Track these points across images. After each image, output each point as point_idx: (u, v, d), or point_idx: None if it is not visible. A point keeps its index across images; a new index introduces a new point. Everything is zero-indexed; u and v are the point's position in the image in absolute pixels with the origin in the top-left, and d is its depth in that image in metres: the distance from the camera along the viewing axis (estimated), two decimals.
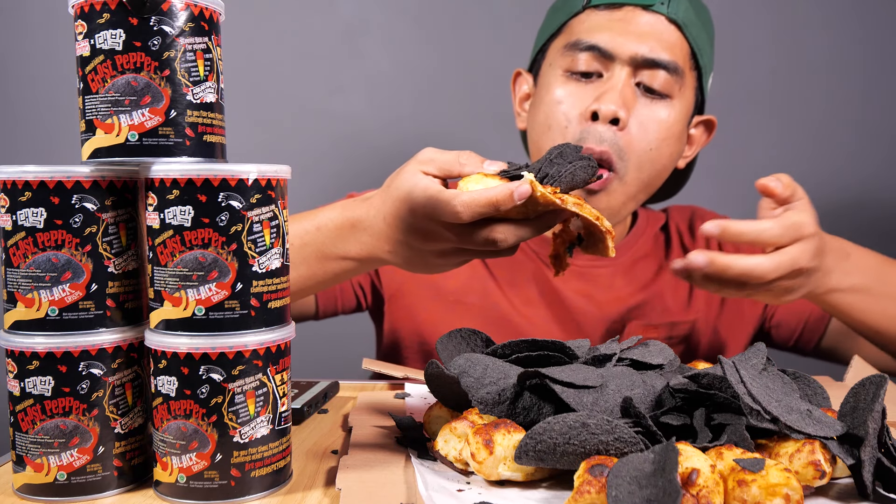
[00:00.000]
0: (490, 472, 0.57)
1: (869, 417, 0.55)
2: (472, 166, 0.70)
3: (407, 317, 1.10)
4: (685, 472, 0.50)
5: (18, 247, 0.57)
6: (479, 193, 0.65)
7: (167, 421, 0.56)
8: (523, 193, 0.64)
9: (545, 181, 0.68)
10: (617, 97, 0.96)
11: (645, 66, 0.98)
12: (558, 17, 1.06)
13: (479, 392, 0.62)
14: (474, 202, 0.65)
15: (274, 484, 0.59)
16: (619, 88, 0.97)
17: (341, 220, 0.79)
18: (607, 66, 0.99)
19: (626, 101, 0.97)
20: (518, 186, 0.64)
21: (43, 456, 0.57)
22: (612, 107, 0.95)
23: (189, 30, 0.58)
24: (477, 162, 0.70)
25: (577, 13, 1.02)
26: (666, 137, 1.00)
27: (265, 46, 1.65)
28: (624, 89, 0.97)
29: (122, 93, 0.56)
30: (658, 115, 0.99)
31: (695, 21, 1.00)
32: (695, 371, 0.62)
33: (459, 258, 0.74)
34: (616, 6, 0.99)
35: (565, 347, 0.66)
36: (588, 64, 0.99)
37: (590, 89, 0.99)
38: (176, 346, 0.55)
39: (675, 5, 0.98)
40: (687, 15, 0.99)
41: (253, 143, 1.61)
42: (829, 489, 0.57)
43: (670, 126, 1.00)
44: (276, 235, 0.58)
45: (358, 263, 0.81)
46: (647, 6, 0.98)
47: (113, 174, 0.59)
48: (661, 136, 0.99)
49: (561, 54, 1.02)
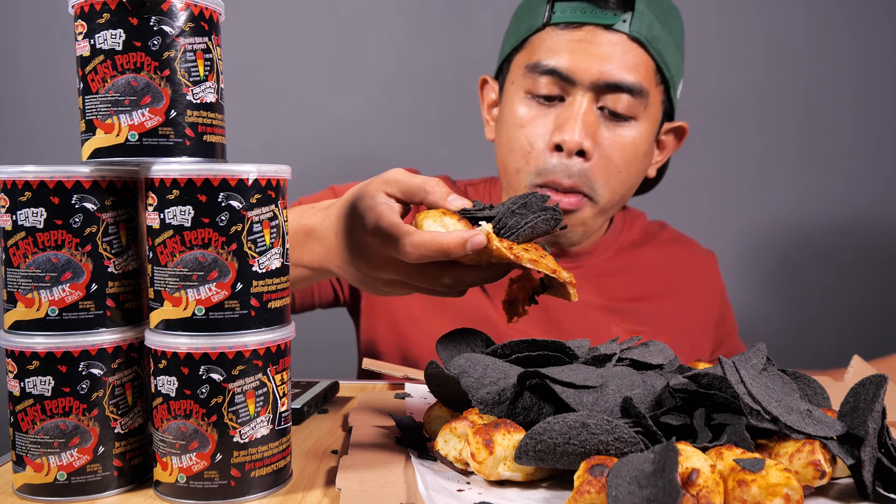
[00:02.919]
0: (490, 472, 0.57)
1: (869, 417, 0.55)
2: (436, 197, 0.66)
3: (385, 313, 1.09)
4: (685, 472, 0.50)
5: (18, 247, 0.57)
6: (431, 237, 0.62)
7: (167, 421, 0.56)
8: (476, 244, 0.61)
9: (503, 233, 0.65)
10: (579, 127, 0.95)
11: (607, 90, 0.96)
12: (520, 30, 1.04)
13: (479, 392, 0.62)
14: (424, 245, 0.62)
15: (274, 484, 0.59)
16: (580, 116, 0.96)
17: (296, 226, 0.77)
18: (568, 90, 0.97)
19: (590, 128, 0.96)
20: (472, 237, 0.61)
21: (43, 456, 0.57)
22: (576, 138, 0.95)
23: (189, 30, 0.58)
24: (442, 193, 0.67)
25: (538, 30, 1.00)
26: (633, 158, 1.00)
27: (265, 46, 1.65)
28: (586, 116, 0.96)
29: (122, 93, 0.56)
30: (623, 138, 0.98)
31: (659, 35, 0.98)
32: (695, 371, 0.62)
33: (404, 290, 0.71)
34: (576, 25, 0.97)
35: (565, 347, 0.66)
36: (549, 88, 0.98)
37: (552, 114, 0.98)
38: (176, 346, 0.55)
39: (638, 22, 0.96)
40: (651, 31, 0.97)
41: (253, 143, 1.61)
42: (829, 489, 0.57)
43: (637, 146, 1.00)
44: (276, 235, 0.58)
45: (313, 272, 0.79)
46: (608, 26, 0.96)
47: (113, 174, 0.59)
48: (627, 158, 0.99)
49: (522, 74, 1.01)
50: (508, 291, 0.75)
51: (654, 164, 1.10)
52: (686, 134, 1.11)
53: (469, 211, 0.66)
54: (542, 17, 0.99)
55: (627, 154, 0.99)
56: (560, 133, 0.96)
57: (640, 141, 1.00)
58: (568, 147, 0.95)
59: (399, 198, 0.68)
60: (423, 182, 0.67)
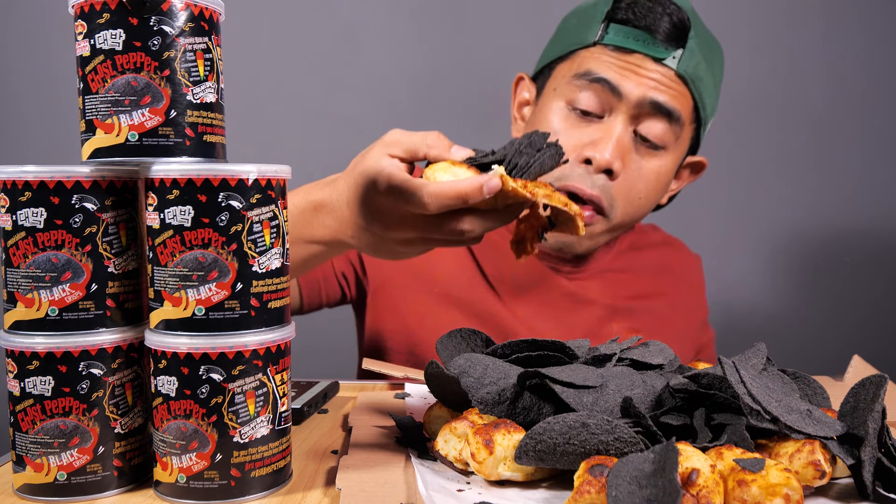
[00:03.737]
0: (490, 472, 0.57)
1: (869, 417, 0.55)
2: (439, 150, 0.68)
3: (391, 309, 1.09)
4: (685, 472, 0.50)
5: (18, 247, 0.57)
6: (448, 185, 0.63)
7: (167, 421, 0.56)
8: (493, 188, 0.63)
9: (514, 173, 0.66)
10: (613, 147, 0.96)
11: (648, 112, 0.97)
12: (568, 40, 1.04)
13: (479, 392, 0.62)
14: (442, 194, 0.63)
15: (274, 484, 0.59)
16: (615, 136, 0.96)
17: (304, 204, 0.78)
18: (610, 106, 0.98)
19: (622, 150, 0.97)
20: (488, 180, 0.63)
21: (43, 456, 0.57)
22: (606, 156, 0.95)
23: (189, 30, 0.58)
24: (444, 146, 0.68)
25: (588, 45, 1.01)
26: (654, 188, 1.02)
27: (265, 46, 1.65)
28: (621, 137, 0.97)
29: (122, 93, 0.56)
30: (651, 167, 1.00)
31: (703, 76, 1.00)
32: (695, 371, 0.62)
33: (424, 246, 0.73)
34: (627, 51, 0.98)
35: (565, 347, 0.66)
36: (591, 102, 0.98)
37: (588, 131, 0.99)
38: (176, 346, 0.55)
39: (686, 61, 0.97)
40: (697, 70, 0.98)
41: (253, 143, 1.61)
42: (829, 489, 0.57)
43: (660, 177, 1.02)
44: (276, 235, 0.58)
45: (325, 247, 0.80)
46: (658, 59, 0.97)
47: (113, 174, 0.59)
48: (650, 186, 1.01)
49: (567, 82, 1.01)
50: (516, 231, 0.76)
51: (668, 192, 1.12)
52: (704, 169, 1.12)
53: (476, 159, 0.67)
54: (596, 34, 1.00)
55: (650, 183, 1.01)
56: (593, 148, 0.96)
57: (664, 172, 1.02)
58: (598, 163, 0.96)
59: (402, 157, 0.69)
60: (423, 137, 0.68)
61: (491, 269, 1.10)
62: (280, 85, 1.66)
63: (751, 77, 1.66)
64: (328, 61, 1.66)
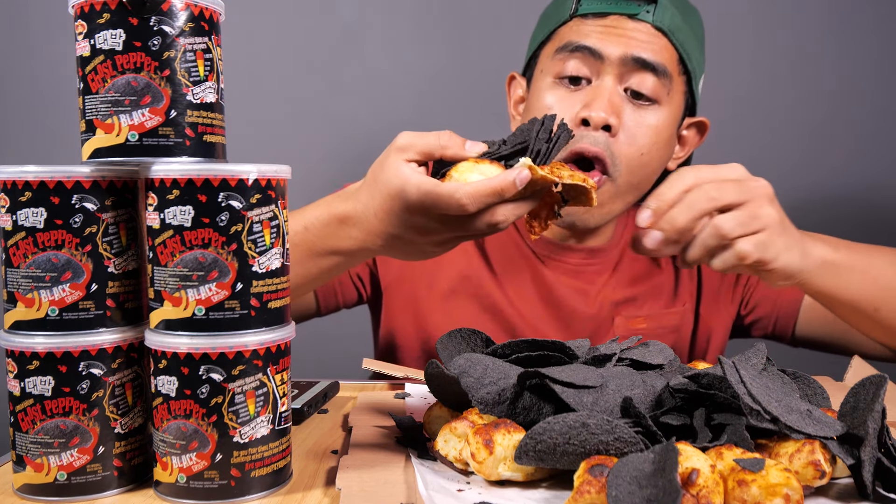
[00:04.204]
0: (490, 472, 0.57)
1: (869, 417, 0.55)
2: (454, 149, 0.70)
3: (404, 306, 1.11)
4: (685, 472, 0.50)
5: (18, 247, 0.57)
6: (483, 185, 0.66)
7: (167, 421, 0.56)
8: (524, 179, 0.66)
9: (538, 161, 0.69)
10: (606, 103, 0.98)
11: (633, 68, 0.99)
12: (548, 24, 1.08)
13: (479, 392, 0.62)
14: (479, 193, 0.66)
15: (274, 484, 0.59)
16: (607, 95, 0.99)
17: (328, 217, 0.80)
18: (596, 70, 1.00)
19: (615, 107, 0.99)
20: (519, 173, 0.66)
21: (43, 456, 0.57)
22: (601, 113, 0.97)
23: (189, 30, 0.58)
24: (458, 143, 0.70)
25: (565, 21, 1.04)
26: (655, 142, 1.02)
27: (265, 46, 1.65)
28: (612, 96, 0.99)
29: (122, 93, 0.56)
30: (647, 120, 1.01)
31: (681, 26, 1.02)
32: (695, 371, 0.62)
33: (457, 243, 0.76)
34: (602, 15, 1.01)
35: (565, 347, 0.66)
36: (577, 68, 1.01)
37: (579, 96, 1.01)
38: (176, 346, 0.55)
39: (661, 13, 1.00)
40: (673, 21, 1.01)
41: (253, 143, 1.60)
42: (829, 489, 0.57)
43: (659, 131, 1.02)
44: (276, 235, 0.58)
45: (349, 257, 0.82)
46: (632, 15, 1.00)
47: (113, 174, 0.59)
48: (650, 140, 1.01)
49: (551, 59, 1.04)
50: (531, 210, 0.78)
51: (676, 158, 1.11)
52: (707, 129, 1.12)
53: (493, 153, 0.70)
54: (570, 9, 1.03)
55: (650, 137, 1.01)
56: (587, 109, 0.98)
57: (662, 126, 1.02)
58: (594, 122, 0.97)
59: (419, 160, 0.71)
60: (437, 138, 0.71)
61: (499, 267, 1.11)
62: (280, 85, 1.66)
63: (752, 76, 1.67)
64: (328, 61, 1.66)
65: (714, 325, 1.15)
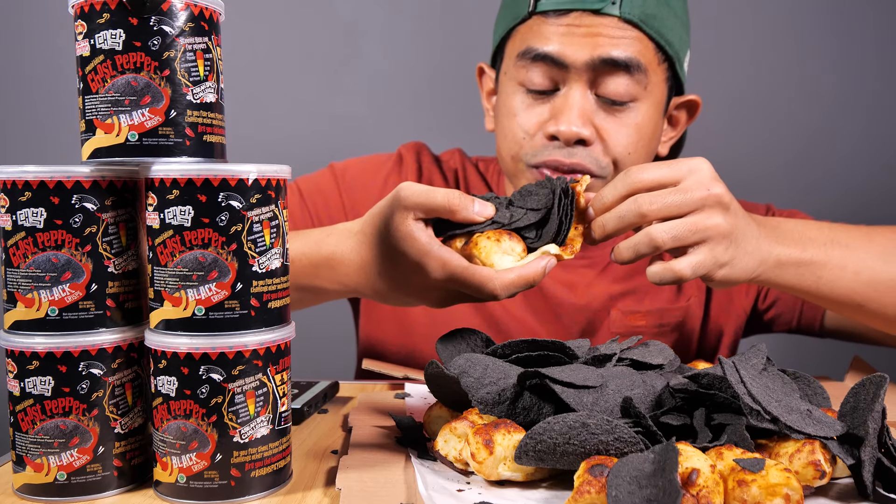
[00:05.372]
0: (490, 472, 0.57)
1: (869, 417, 0.55)
2: (464, 213, 0.68)
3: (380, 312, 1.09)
4: (685, 472, 0.50)
5: (18, 247, 0.57)
6: (519, 278, 0.67)
7: (167, 421, 0.56)
8: (552, 268, 0.68)
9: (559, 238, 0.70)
10: (575, 115, 0.91)
11: (603, 71, 0.91)
12: (507, 18, 1.00)
13: (479, 392, 0.62)
14: (513, 285, 0.67)
15: (274, 484, 0.59)
16: (576, 106, 0.91)
17: (317, 257, 0.77)
18: (563, 77, 0.93)
19: (586, 116, 0.91)
20: (547, 263, 0.67)
21: (43, 456, 0.57)
22: (572, 128, 0.90)
23: (189, 30, 0.58)
24: (469, 208, 0.68)
25: (524, 19, 0.96)
26: (639, 140, 0.95)
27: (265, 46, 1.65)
28: (582, 106, 0.91)
29: (122, 93, 0.56)
30: (625, 122, 0.94)
31: (655, 12, 0.92)
32: (695, 371, 0.62)
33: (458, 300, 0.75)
34: (563, 13, 0.92)
35: (565, 347, 0.66)
36: (541, 79, 0.93)
37: (547, 106, 0.94)
38: (176, 346, 0.55)
39: (629, 3, 0.91)
40: (644, 9, 0.91)
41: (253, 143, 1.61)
42: (829, 489, 0.57)
43: (641, 128, 0.95)
44: (276, 235, 0.58)
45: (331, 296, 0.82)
46: (596, 10, 0.91)
47: (113, 174, 0.59)
48: (633, 140, 0.94)
49: (514, 64, 0.97)
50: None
51: (666, 141, 1.04)
52: (699, 108, 1.05)
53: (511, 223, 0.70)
54: (528, 5, 0.94)
55: (633, 136, 0.94)
56: (555, 123, 0.91)
57: (644, 123, 0.95)
58: (564, 136, 0.90)
59: (425, 218, 0.69)
60: (446, 201, 0.67)
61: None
62: (280, 85, 1.66)
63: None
64: (328, 61, 1.66)
65: (725, 322, 1.09)
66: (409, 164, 1.13)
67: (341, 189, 1.11)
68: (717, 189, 0.71)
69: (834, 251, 0.82)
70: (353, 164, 1.14)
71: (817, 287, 0.82)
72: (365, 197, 1.09)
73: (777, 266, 0.78)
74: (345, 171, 1.12)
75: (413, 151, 1.15)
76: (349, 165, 1.14)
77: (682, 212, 0.70)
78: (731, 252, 0.73)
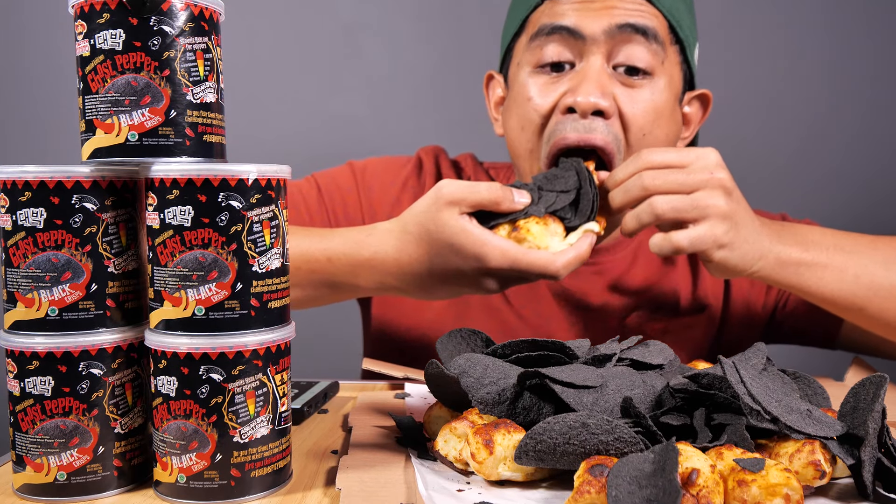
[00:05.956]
0: (490, 472, 0.57)
1: (869, 417, 0.55)
2: (506, 204, 0.74)
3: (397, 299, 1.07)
4: (685, 472, 0.50)
5: (18, 247, 0.57)
6: (576, 258, 0.75)
7: (167, 421, 0.56)
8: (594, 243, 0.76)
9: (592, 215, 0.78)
10: (594, 85, 0.88)
11: (621, 39, 0.89)
12: (519, 13, 0.99)
13: (479, 392, 0.62)
14: (572, 264, 0.74)
15: (274, 484, 0.59)
16: (595, 75, 0.89)
17: (357, 257, 0.79)
18: (579, 51, 0.91)
19: (605, 88, 0.89)
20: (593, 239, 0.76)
21: (43, 456, 0.57)
22: (590, 98, 0.87)
23: (189, 30, 0.58)
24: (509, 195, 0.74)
25: (536, 6, 0.95)
26: (656, 118, 0.92)
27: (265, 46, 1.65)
28: (600, 76, 0.89)
29: (122, 93, 0.56)
30: (643, 97, 0.91)
31: None
32: (695, 371, 0.62)
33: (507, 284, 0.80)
34: None
35: (565, 347, 0.66)
36: (558, 52, 0.91)
37: (563, 81, 0.91)
38: (176, 346, 0.55)
39: None
40: None
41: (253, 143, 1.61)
42: (829, 489, 0.57)
43: (658, 105, 0.92)
44: (276, 235, 0.58)
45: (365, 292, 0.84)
46: None
47: (113, 174, 0.59)
48: (650, 118, 0.92)
49: (527, 49, 0.95)
50: None
51: (682, 139, 1.03)
52: (711, 102, 1.03)
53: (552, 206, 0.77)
54: None
55: (650, 113, 0.92)
56: (572, 95, 0.88)
57: (660, 100, 0.92)
58: (582, 108, 0.87)
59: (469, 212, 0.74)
60: (489, 194, 0.74)
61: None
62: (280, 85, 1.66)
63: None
64: (328, 61, 1.66)
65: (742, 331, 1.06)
66: (427, 168, 1.13)
67: (360, 187, 1.11)
68: (720, 174, 0.76)
69: (836, 255, 0.83)
70: (372, 163, 1.14)
71: (818, 288, 0.83)
72: (382, 197, 1.10)
73: (778, 264, 0.80)
74: (364, 169, 1.12)
75: (432, 155, 1.15)
76: (368, 164, 1.14)
77: (683, 189, 0.75)
78: (731, 235, 0.76)
